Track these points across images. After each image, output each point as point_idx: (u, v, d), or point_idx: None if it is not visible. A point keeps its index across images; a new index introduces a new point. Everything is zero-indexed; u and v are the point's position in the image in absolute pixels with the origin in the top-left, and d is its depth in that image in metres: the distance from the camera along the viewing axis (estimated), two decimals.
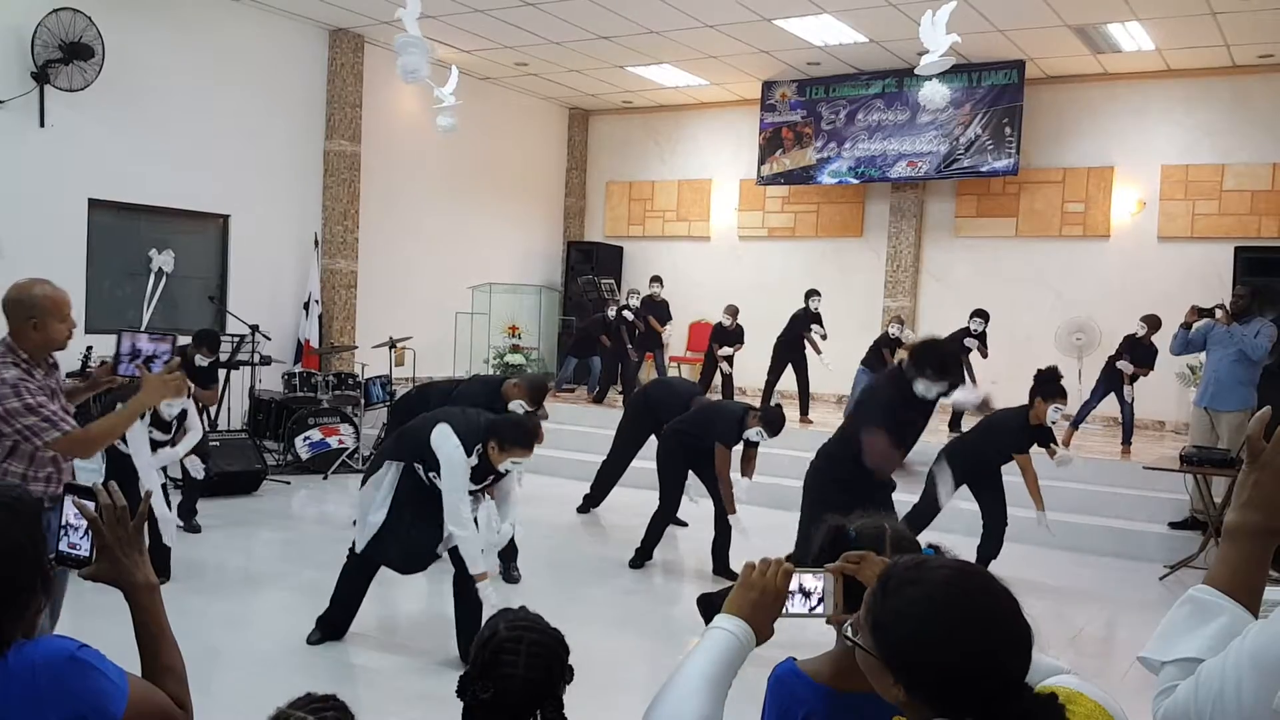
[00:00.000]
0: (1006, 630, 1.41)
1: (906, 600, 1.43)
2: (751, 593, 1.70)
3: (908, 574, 1.47)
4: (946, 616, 1.39)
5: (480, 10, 11.37)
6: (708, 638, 1.67)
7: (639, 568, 7.51)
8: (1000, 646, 1.39)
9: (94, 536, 1.80)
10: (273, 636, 5.68)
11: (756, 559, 1.75)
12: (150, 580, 1.84)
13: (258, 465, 9.52)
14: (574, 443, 11.11)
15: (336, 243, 12.58)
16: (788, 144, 14.40)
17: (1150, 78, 12.68)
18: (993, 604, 1.42)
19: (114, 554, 1.81)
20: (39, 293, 3.72)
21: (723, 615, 1.70)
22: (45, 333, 3.71)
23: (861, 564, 1.78)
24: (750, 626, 1.68)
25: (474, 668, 2.18)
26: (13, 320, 3.71)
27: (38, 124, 9.49)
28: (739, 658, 1.66)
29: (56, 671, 1.61)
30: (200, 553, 7.34)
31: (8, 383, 3.59)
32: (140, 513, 1.84)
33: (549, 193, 16.52)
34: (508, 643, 2.15)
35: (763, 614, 1.70)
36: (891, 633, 1.43)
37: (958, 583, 1.43)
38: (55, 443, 3.63)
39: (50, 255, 9.62)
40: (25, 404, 3.59)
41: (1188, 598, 1.49)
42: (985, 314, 11.40)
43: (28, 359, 3.69)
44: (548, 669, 2.16)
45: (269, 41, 11.77)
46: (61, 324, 3.74)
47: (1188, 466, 7.87)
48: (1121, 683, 5.00)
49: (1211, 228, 12.41)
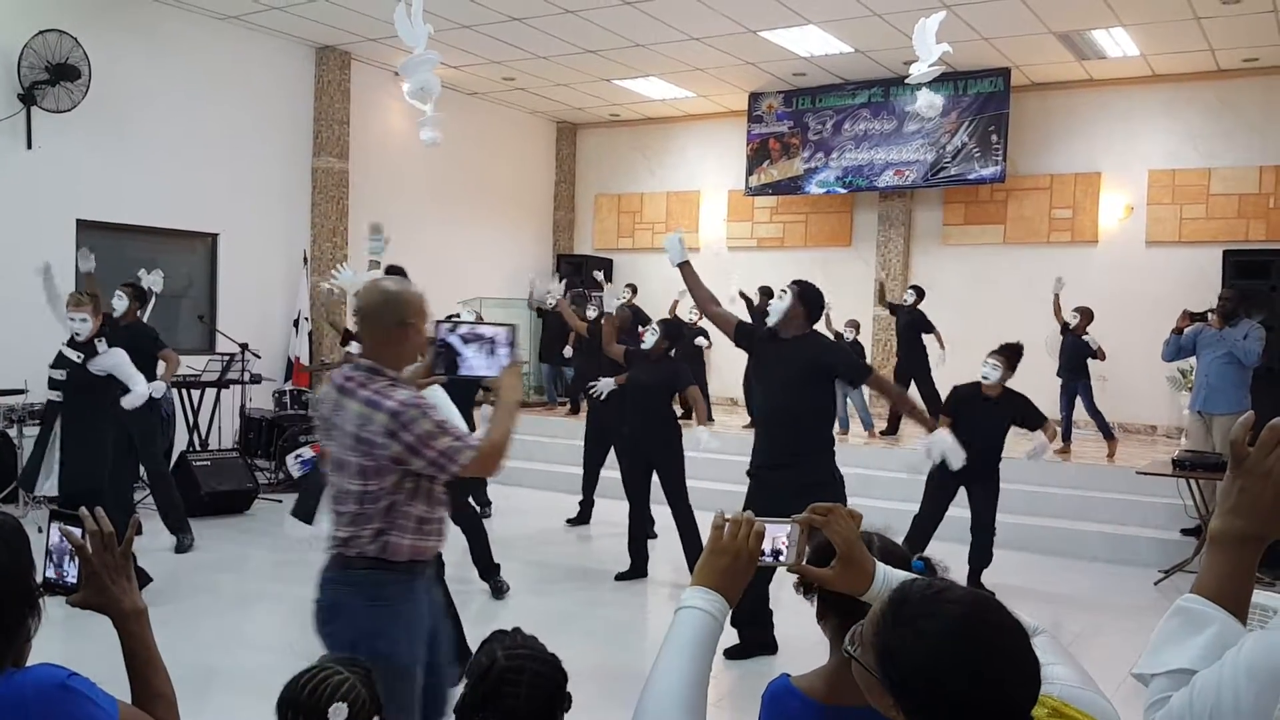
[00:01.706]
0: (1018, 667, 1.40)
1: (919, 632, 1.41)
2: (723, 558, 1.66)
3: (922, 605, 1.45)
4: (960, 653, 1.38)
5: (467, 26, 11.39)
6: (684, 621, 1.62)
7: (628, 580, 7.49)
8: (1010, 682, 1.38)
9: (81, 563, 1.79)
10: (266, 655, 5.65)
11: (725, 515, 1.69)
12: (138, 606, 1.83)
13: (249, 484, 9.49)
14: (557, 455, 11.13)
15: (325, 260, 12.56)
16: (775, 155, 14.44)
17: (1136, 83, 12.74)
18: (1005, 641, 1.41)
19: (101, 581, 1.79)
20: (410, 292, 3.14)
21: (695, 590, 1.65)
22: (417, 339, 3.12)
23: (829, 516, 1.76)
24: (724, 597, 1.64)
25: (474, 695, 2.17)
26: (376, 327, 3.08)
27: (25, 145, 9.48)
28: (716, 635, 1.62)
29: (47, 700, 1.60)
30: (192, 572, 7.31)
31: (409, 403, 2.92)
32: (127, 540, 1.83)
33: (538, 206, 16.53)
34: (509, 673, 2.15)
35: (735, 578, 1.66)
36: (901, 662, 1.42)
37: (973, 619, 1.42)
38: (470, 463, 2.95)
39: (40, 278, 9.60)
40: (437, 423, 2.92)
41: (1177, 608, 1.48)
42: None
43: (394, 378, 3.05)
44: (549, 699, 2.16)
45: (256, 60, 11.77)
46: (423, 329, 3.16)
47: (1180, 471, 7.87)
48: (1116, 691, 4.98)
49: (1199, 232, 12.45)
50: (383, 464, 2.92)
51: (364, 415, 2.92)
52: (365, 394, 2.94)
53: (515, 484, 10.79)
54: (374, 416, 2.90)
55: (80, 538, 1.79)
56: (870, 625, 1.48)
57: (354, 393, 2.97)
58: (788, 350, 5.50)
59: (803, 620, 2.31)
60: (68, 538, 1.79)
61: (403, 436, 2.88)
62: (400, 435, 2.88)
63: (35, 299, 9.54)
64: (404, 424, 2.88)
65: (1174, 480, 8.28)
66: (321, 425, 3.11)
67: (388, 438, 2.88)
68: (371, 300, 3.10)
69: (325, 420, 3.07)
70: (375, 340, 3.08)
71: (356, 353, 3.28)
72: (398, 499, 2.96)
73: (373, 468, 2.93)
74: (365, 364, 3.03)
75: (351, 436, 2.93)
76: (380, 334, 3.06)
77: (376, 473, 2.93)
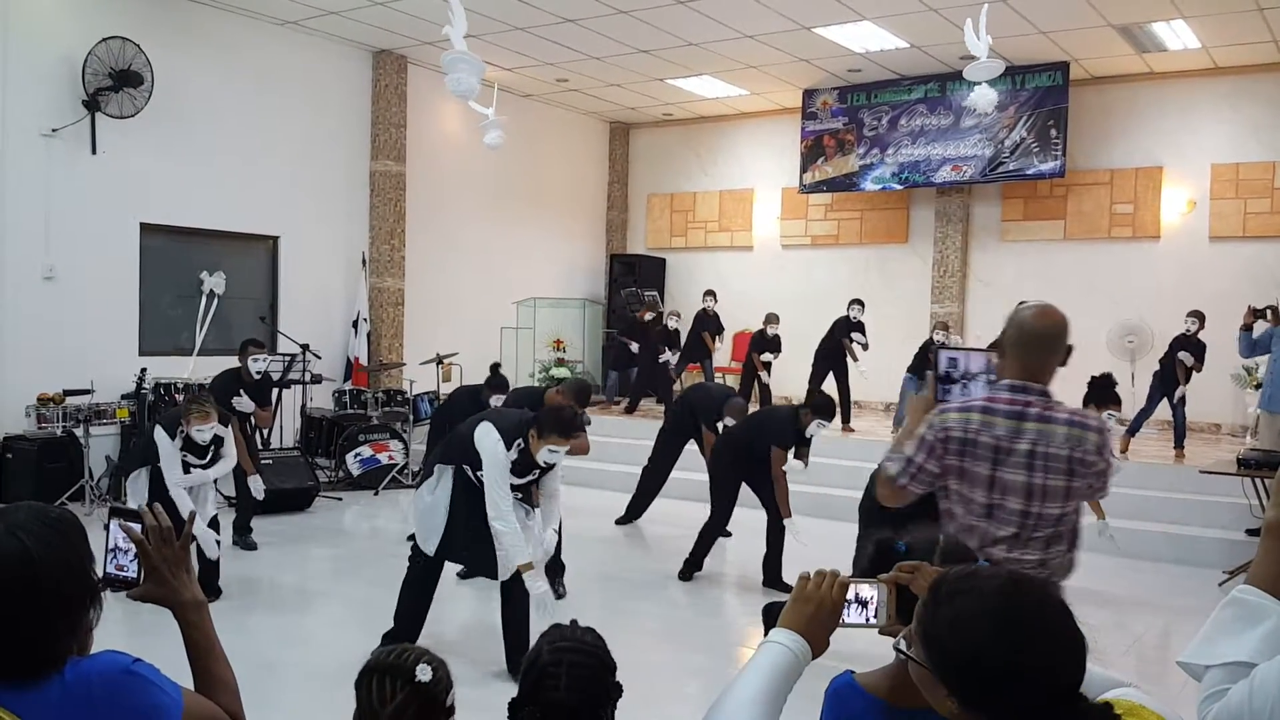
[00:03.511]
0: (1059, 639, 1.38)
1: (957, 610, 1.41)
2: (807, 606, 1.70)
3: (958, 584, 1.45)
4: (998, 625, 1.37)
5: (521, 28, 11.45)
6: (762, 652, 1.66)
7: (688, 580, 7.48)
8: (1053, 655, 1.37)
9: (141, 558, 1.83)
10: (326, 652, 5.73)
11: (810, 570, 1.74)
12: (197, 598, 1.86)
13: (310, 482, 9.63)
14: (614, 454, 11.15)
15: (383, 261, 12.70)
16: (830, 151, 14.35)
17: (1197, 76, 12.50)
18: (1045, 612, 1.40)
19: (161, 574, 1.83)
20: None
21: (778, 629, 1.69)
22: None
23: (915, 574, 1.76)
24: (806, 640, 1.67)
25: (522, 692, 2.19)
26: (1052, 353, 3.11)
27: (89, 151, 9.67)
28: (794, 673, 1.65)
29: (112, 685, 1.63)
30: (254, 570, 7.42)
31: (1104, 424, 3.11)
32: (185, 533, 1.87)
33: (591, 206, 16.57)
34: (550, 666, 2.16)
35: (818, 627, 1.69)
36: (943, 643, 1.41)
37: (1009, 591, 1.41)
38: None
39: (104, 279, 9.83)
40: (1109, 459, 3.08)
41: (1232, 599, 1.45)
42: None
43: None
44: (590, 689, 2.16)
45: (314, 64, 11.93)
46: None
47: (1246, 470, 7.71)
48: (1180, 693, 4.90)
49: (1264, 226, 12.19)
50: (1087, 484, 3.03)
51: (1075, 437, 2.99)
52: (1065, 416, 3.02)
53: (568, 483, 10.82)
54: (1086, 437, 3.00)
55: (139, 533, 1.82)
56: (915, 618, 1.48)
57: (1052, 417, 3.02)
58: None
59: None
60: (127, 533, 1.83)
61: (1105, 454, 3.03)
62: (1104, 452, 3.03)
63: (100, 301, 9.78)
64: (1106, 441, 3.04)
65: (1239, 479, 8.12)
66: (968, 450, 3.08)
67: (1097, 454, 3.00)
68: (1053, 325, 3.11)
69: (980, 445, 3.05)
70: (1045, 363, 3.10)
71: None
72: (1078, 518, 3.12)
73: (1078, 488, 3.02)
74: (1036, 387, 3.06)
75: (1064, 460, 2.99)
76: (1053, 359, 3.10)
77: (1076, 493, 3.04)
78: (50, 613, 1.60)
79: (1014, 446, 3.00)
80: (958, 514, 3.11)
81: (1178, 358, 10.18)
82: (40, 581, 1.58)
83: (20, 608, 1.57)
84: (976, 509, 3.06)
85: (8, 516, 1.64)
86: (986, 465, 3.03)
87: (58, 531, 1.64)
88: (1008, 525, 3.02)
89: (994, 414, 3.03)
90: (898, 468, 3.15)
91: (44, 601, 1.59)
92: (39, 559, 1.59)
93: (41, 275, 9.47)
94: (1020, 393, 3.03)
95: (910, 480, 3.13)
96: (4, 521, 1.62)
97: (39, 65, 9.38)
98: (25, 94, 9.31)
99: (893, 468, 3.17)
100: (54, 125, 9.46)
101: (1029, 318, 3.10)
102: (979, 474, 3.04)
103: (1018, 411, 3.01)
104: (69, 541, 1.64)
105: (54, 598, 1.60)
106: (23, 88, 9.29)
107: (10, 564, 1.58)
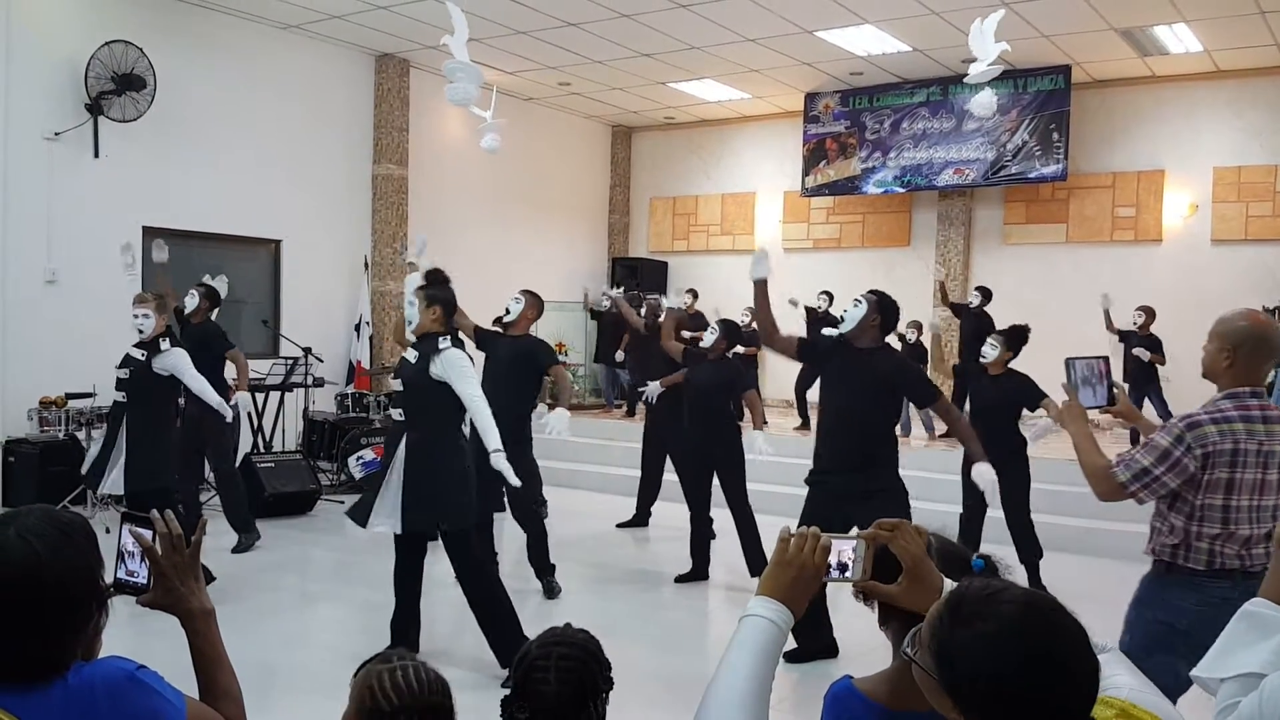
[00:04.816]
0: (1075, 666, 1.38)
1: (975, 634, 1.40)
2: (789, 571, 1.67)
3: (980, 605, 1.43)
4: (1017, 653, 1.37)
5: (522, 32, 11.46)
6: (748, 628, 1.63)
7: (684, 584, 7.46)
8: (1070, 689, 1.37)
9: (151, 564, 1.83)
10: (327, 655, 5.72)
11: (790, 529, 1.71)
12: (206, 606, 1.86)
13: (312, 485, 9.62)
14: (617, 458, 11.15)
15: (386, 265, 12.71)
16: (832, 155, 14.35)
17: (1199, 79, 12.51)
18: (1063, 639, 1.40)
19: (170, 581, 1.83)
20: None
21: (760, 600, 1.66)
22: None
23: (895, 532, 1.76)
24: (788, 608, 1.65)
25: (512, 689, 2.19)
26: (1268, 360, 3.30)
27: (92, 155, 9.68)
28: (780, 645, 1.64)
29: (116, 691, 1.63)
30: (256, 572, 7.42)
31: None
32: (196, 541, 1.86)
33: (593, 210, 16.58)
34: (538, 660, 2.16)
35: (800, 592, 1.67)
36: (958, 663, 1.41)
37: (1030, 619, 1.40)
38: None
39: (106, 283, 9.82)
40: None
41: (1244, 612, 1.45)
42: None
43: None
44: (579, 681, 2.15)
45: (316, 68, 11.94)
46: None
47: None
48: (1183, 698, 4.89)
49: (1266, 229, 12.20)
50: None
51: None
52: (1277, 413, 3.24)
53: (571, 486, 10.83)
54: None
55: (150, 539, 1.83)
56: (928, 627, 1.48)
57: (1277, 417, 3.23)
58: (859, 361, 5.36)
59: (863, 624, 2.29)
60: (137, 540, 1.82)
61: None
62: None
63: (101, 303, 9.78)
64: None
65: None
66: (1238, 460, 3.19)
67: None
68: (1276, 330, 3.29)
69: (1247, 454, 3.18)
70: (1252, 370, 3.25)
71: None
72: None
73: None
74: (1245, 390, 3.24)
75: None
76: (1270, 366, 3.34)
77: None
78: (56, 617, 1.60)
79: (1273, 449, 3.19)
80: (1205, 524, 3.22)
81: (1133, 354, 10.29)
82: (46, 586, 1.59)
83: (26, 611, 1.57)
84: (1242, 514, 3.20)
85: (18, 520, 1.64)
86: (1255, 470, 3.18)
87: (67, 536, 1.64)
88: (1267, 524, 3.19)
89: (1252, 421, 3.19)
90: (1129, 475, 3.24)
91: (49, 605, 1.59)
92: (46, 563, 1.59)
93: (44, 278, 9.49)
94: (1253, 398, 3.23)
95: (1143, 489, 3.25)
96: (14, 525, 1.63)
97: (42, 69, 9.40)
98: (28, 98, 9.32)
99: (1124, 474, 3.25)
100: (57, 129, 9.48)
101: (1253, 326, 3.24)
102: (1248, 480, 3.19)
103: (1262, 416, 3.20)
104: (77, 546, 1.65)
105: (60, 602, 1.60)
106: (26, 91, 9.31)
107: (17, 567, 1.58)
